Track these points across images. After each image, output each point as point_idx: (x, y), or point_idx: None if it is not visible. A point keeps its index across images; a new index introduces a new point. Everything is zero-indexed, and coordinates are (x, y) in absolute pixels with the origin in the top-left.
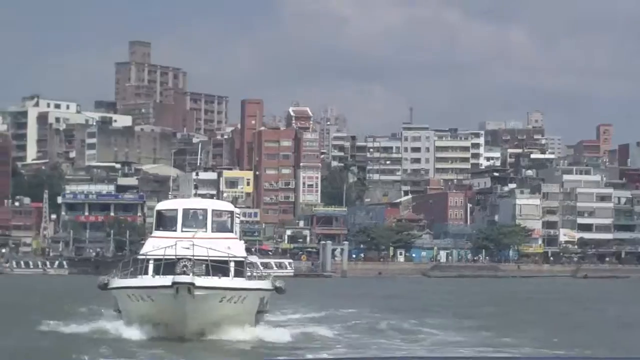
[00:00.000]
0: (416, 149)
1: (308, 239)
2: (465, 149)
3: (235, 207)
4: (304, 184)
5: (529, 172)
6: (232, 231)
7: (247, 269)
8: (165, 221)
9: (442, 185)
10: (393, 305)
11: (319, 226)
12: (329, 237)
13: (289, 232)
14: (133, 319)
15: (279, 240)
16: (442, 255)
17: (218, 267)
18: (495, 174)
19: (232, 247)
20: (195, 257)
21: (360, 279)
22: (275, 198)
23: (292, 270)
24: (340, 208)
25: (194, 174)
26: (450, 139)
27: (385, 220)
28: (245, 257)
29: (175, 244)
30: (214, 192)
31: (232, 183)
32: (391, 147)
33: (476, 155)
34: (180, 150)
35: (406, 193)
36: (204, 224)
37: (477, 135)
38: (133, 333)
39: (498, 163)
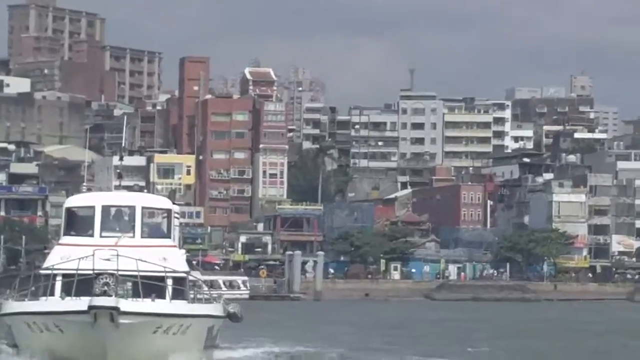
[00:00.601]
0: (418, 126)
1: (269, 248)
2: (486, 125)
3: (174, 203)
4: (264, 173)
5: (572, 158)
6: (169, 236)
7: (190, 288)
8: (77, 223)
9: (454, 175)
10: (386, 337)
11: (285, 230)
12: (298, 245)
13: (243, 238)
14: (35, 355)
15: (230, 249)
16: (452, 270)
17: (151, 286)
18: (526, 159)
19: (169, 258)
20: (120, 272)
21: (339, 303)
22: (225, 192)
23: (248, 291)
24: (313, 206)
25: (116, 158)
26: (465, 112)
27: (376, 222)
28: (187, 272)
29: (93, 254)
30: (143, 183)
31: (167, 171)
32: (384, 123)
33: (500, 134)
34: (97, 126)
35: (404, 186)
36: (130, 226)
37: (502, 107)
38: None
39: (530, 145)
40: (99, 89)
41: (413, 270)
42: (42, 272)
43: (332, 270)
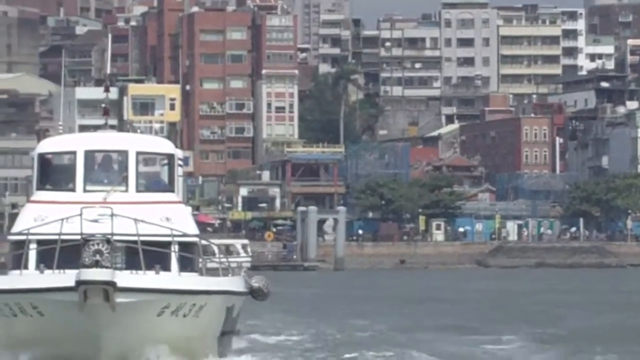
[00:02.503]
0: (466, 42)
1: (277, 202)
2: (553, 40)
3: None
4: (269, 106)
5: None
6: (172, 190)
7: (202, 256)
8: (54, 174)
9: (512, 106)
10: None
11: (297, 180)
12: (313, 199)
13: (244, 191)
14: (4, 345)
15: (228, 205)
16: (511, 228)
17: (152, 255)
18: (604, 84)
19: (174, 217)
20: (116, 237)
21: (367, 272)
22: (219, 132)
23: (249, 259)
24: (333, 148)
25: (79, 89)
26: (526, 24)
27: (414, 168)
28: (198, 236)
29: (81, 213)
30: (114, 121)
31: (145, 106)
32: (423, 39)
33: (571, 52)
34: (54, 49)
35: (450, 120)
36: (122, 177)
37: (574, 16)
38: None
39: (610, 65)
40: (56, 1)
41: (461, 229)
42: (11, 238)
43: (362, 230)
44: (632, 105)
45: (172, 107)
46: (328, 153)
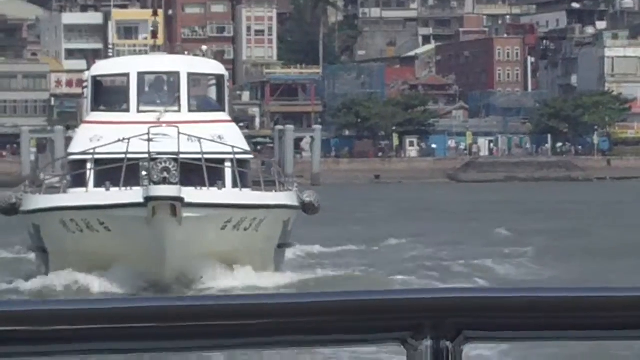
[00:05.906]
0: None
1: (257, 122)
2: None
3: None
4: (249, 29)
5: (628, 2)
6: (222, 109)
7: (258, 172)
8: (107, 95)
9: (486, 26)
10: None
11: (276, 100)
12: (292, 118)
13: None
14: (71, 261)
15: None
16: (483, 144)
17: (212, 171)
18: (575, 5)
19: (226, 136)
20: (181, 155)
21: (341, 187)
22: (200, 54)
23: None
24: (311, 69)
25: (66, 15)
26: None
27: (389, 87)
28: (250, 153)
29: (148, 132)
30: (100, 45)
31: (129, 30)
32: None
33: None
34: None
35: (427, 40)
36: (174, 98)
37: None
38: (72, 283)
39: None
40: None
41: (434, 145)
42: (74, 157)
43: (336, 148)
44: (601, 25)
45: (155, 32)
46: (306, 74)
